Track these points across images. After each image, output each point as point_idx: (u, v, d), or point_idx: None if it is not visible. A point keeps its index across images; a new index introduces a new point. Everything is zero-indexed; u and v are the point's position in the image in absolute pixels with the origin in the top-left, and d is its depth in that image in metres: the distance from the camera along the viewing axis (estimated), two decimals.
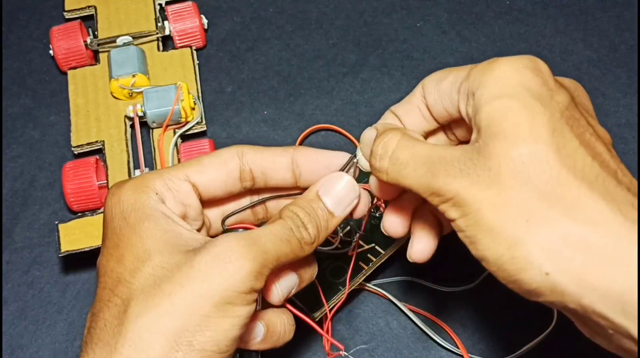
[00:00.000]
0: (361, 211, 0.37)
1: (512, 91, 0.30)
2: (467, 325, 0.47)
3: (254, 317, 0.33)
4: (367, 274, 0.46)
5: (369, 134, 0.35)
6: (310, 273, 0.38)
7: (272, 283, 0.35)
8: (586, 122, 0.30)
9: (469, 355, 0.46)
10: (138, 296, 0.31)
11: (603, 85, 0.57)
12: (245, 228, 0.36)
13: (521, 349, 0.46)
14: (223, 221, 0.37)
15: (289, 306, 0.37)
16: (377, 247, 0.47)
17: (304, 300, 0.44)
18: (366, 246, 0.47)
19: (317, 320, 0.44)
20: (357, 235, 0.45)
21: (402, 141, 0.32)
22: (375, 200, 0.48)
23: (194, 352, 0.30)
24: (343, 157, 0.37)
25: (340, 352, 0.40)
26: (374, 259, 0.47)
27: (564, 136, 0.29)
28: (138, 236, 0.32)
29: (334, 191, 0.36)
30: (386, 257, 0.47)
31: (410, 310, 0.47)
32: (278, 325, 0.36)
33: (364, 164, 0.36)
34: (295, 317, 0.37)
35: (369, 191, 0.38)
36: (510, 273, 0.29)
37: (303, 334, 0.38)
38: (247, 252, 0.31)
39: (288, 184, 0.37)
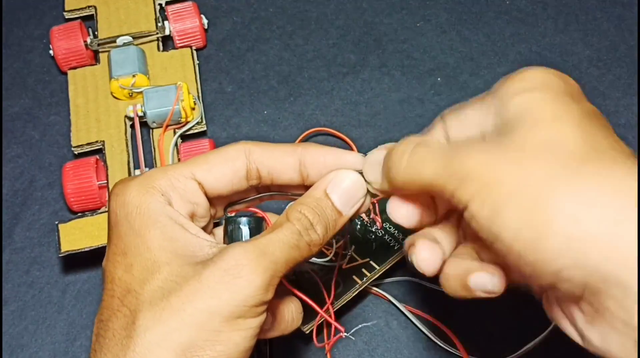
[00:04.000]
0: (364, 208, 0.36)
1: (540, 86, 0.30)
2: (466, 325, 0.47)
3: None
4: (360, 289, 0.45)
5: (376, 155, 0.34)
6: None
7: None
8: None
9: (469, 355, 0.46)
10: (146, 308, 0.30)
11: (603, 85, 0.57)
12: (249, 211, 0.34)
13: (521, 349, 0.46)
14: (225, 209, 0.36)
15: (285, 282, 0.35)
16: (372, 262, 0.46)
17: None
18: (360, 261, 0.46)
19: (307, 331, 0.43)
20: (342, 241, 0.44)
21: (423, 140, 0.32)
22: (371, 214, 0.48)
23: None
24: (353, 157, 0.35)
25: (341, 334, 0.39)
26: (368, 274, 0.46)
27: (593, 126, 0.28)
28: (145, 246, 0.32)
29: (342, 189, 0.34)
30: (380, 273, 0.46)
31: (410, 311, 0.47)
32: (286, 313, 0.35)
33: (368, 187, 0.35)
34: (301, 301, 0.36)
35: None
36: (528, 242, 0.27)
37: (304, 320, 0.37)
38: (256, 265, 0.30)
39: (295, 183, 0.36)
